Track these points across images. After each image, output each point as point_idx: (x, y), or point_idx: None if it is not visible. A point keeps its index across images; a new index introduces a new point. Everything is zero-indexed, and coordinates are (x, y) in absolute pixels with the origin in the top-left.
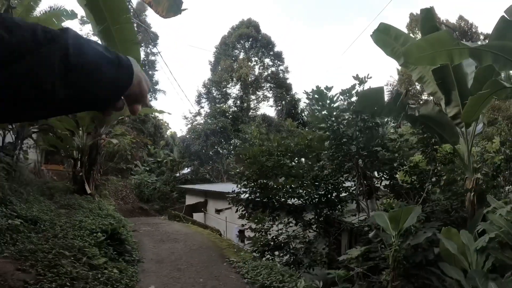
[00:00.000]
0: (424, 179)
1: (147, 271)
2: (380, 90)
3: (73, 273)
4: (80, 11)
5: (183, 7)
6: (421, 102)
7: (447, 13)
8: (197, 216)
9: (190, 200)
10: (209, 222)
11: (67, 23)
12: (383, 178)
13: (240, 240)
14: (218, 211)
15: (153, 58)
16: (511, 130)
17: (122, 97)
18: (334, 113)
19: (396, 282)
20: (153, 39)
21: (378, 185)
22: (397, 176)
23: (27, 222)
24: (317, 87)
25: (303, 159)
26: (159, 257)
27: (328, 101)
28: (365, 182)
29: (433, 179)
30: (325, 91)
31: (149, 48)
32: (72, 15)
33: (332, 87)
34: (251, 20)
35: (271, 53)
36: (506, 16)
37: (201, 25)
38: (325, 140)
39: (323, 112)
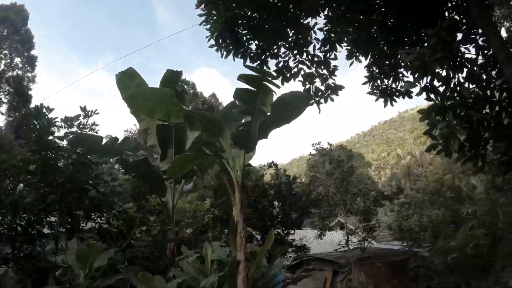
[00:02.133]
0: (132, 225)
1: None
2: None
3: None
4: None
5: None
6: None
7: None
8: None
9: None
10: None
11: None
12: (90, 218)
13: None
14: None
15: None
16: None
17: None
18: (48, 137)
19: None
20: None
21: (84, 225)
22: (103, 219)
23: None
24: (41, 104)
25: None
26: None
27: (45, 123)
28: (69, 219)
29: (144, 228)
30: (44, 110)
31: None
32: None
33: (54, 109)
34: (17, 5)
35: (26, 54)
36: (235, 99)
37: None
38: (30, 163)
39: (36, 133)
